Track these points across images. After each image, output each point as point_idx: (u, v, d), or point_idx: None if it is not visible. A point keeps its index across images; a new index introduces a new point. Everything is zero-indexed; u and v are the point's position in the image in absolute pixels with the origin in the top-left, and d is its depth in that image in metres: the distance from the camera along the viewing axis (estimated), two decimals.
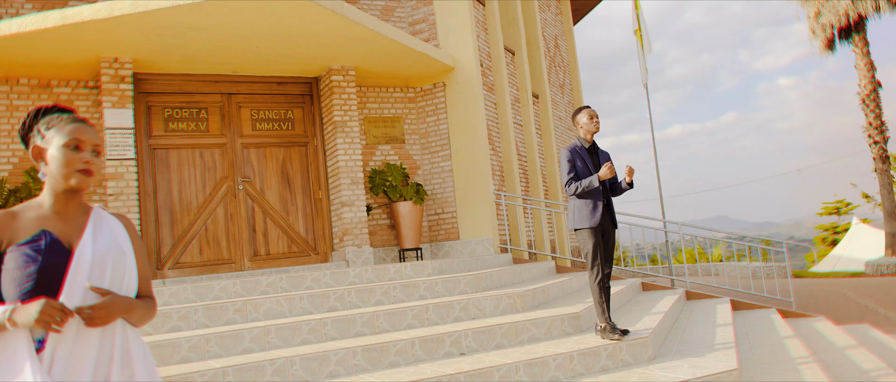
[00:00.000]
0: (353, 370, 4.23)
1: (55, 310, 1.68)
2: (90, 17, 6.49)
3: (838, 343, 6.31)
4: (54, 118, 1.96)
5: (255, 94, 8.82)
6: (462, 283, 6.15)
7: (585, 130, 4.95)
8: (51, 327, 1.67)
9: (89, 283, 1.81)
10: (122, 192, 7.49)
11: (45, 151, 1.91)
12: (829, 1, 19.35)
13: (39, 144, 1.93)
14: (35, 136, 1.95)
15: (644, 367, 4.38)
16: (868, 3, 18.62)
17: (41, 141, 1.93)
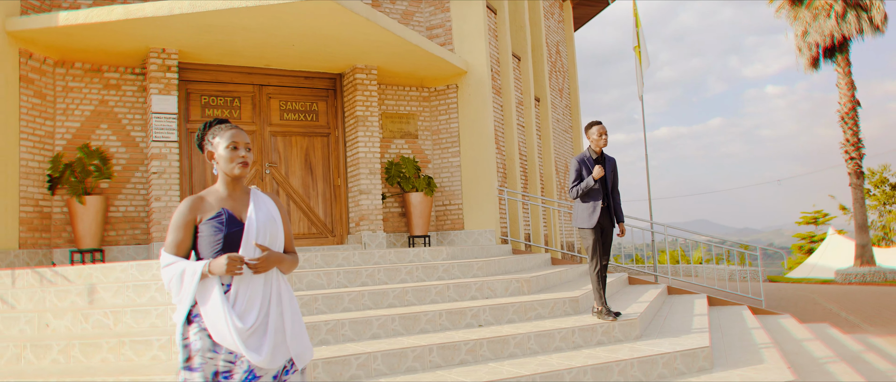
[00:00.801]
0: (392, 333, 5.07)
1: (238, 262, 2.49)
2: (152, 13, 7.22)
3: (798, 336, 7.24)
4: (217, 128, 2.77)
5: (284, 87, 9.57)
6: (474, 267, 6.99)
7: (595, 143, 5.78)
8: (234, 272, 2.48)
9: (260, 240, 2.62)
10: (165, 171, 8.23)
11: (216, 152, 2.71)
12: (816, 21, 20.33)
13: (211, 149, 2.73)
14: (207, 144, 2.75)
15: (633, 343, 5.25)
16: (852, 26, 19.62)
17: (211, 146, 2.73)
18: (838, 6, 19.81)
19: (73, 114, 8.34)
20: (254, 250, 2.62)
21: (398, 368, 4.45)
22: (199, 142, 2.81)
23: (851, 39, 20.07)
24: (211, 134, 2.73)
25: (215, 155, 2.71)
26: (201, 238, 2.61)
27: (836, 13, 19.82)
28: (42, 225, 7.96)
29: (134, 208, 8.53)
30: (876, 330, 9.28)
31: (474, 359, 4.72)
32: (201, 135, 2.81)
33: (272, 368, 2.54)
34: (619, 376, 4.52)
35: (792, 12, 21.25)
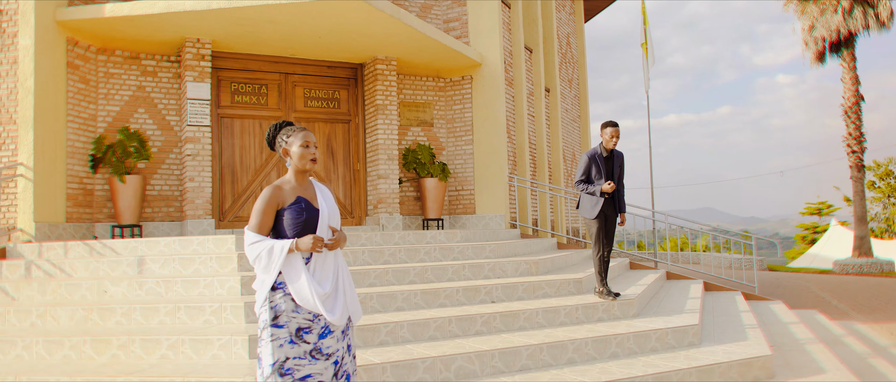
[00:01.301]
0: (415, 306, 5.67)
1: (320, 240, 3.08)
2: (191, 7, 7.78)
3: (784, 320, 7.81)
4: (288, 129, 3.33)
5: (308, 75, 10.12)
6: (487, 250, 7.58)
7: (607, 142, 6.29)
8: (317, 249, 3.07)
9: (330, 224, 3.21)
10: (198, 153, 8.82)
11: (290, 150, 3.28)
12: (823, 16, 20.67)
13: (285, 147, 3.30)
14: (281, 142, 3.32)
15: (630, 320, 5.84)
16: (858, 21, 19.96)
17: (285, 144, 3.30)
18: (845, 2, 20.12)
19: (113, 98, 8.92)
20: (327, 231, 3.21)
21: (422, 336, 5.05)
22: (271, 140, 3.38)
23: (857, 35, 20.42)
24: (284, 134, 3.29)
25: (289, 152, 3.27)
26: (284, 221, 3.17)
27: (843, 9, 20.14)
28: (85, 200, 8.58)
29: (168, 187, 9.13)
30: (862, 318, 9.84)
31: (488, 330, 5.32)
32: (273, 134, 3.38)
33: (341, 324, 3.14)
34: (617, 348, 5.11)
35: (800, 7, 21.57)
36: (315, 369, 3.07)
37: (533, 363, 4.75)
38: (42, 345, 4.84)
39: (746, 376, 4.86)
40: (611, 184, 6.08)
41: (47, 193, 7.91)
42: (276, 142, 3.36)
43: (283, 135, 3.32)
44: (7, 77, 8.01)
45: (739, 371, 4.84)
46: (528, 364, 4.73)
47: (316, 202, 3.26)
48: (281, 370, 3.02)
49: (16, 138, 7.94)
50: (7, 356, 4.85)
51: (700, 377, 4.66)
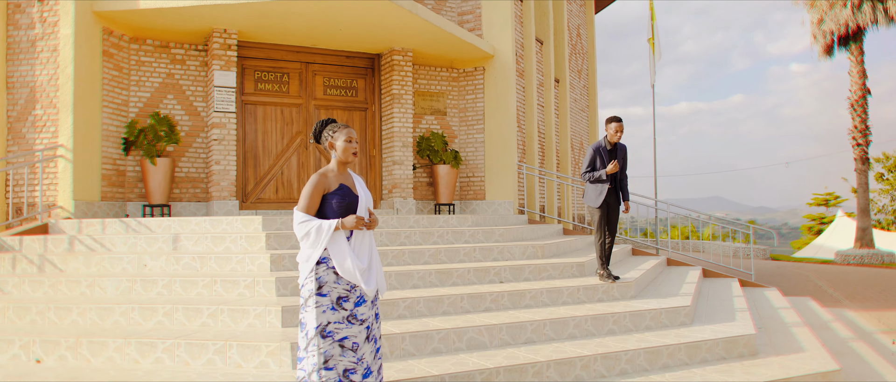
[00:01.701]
0: (429, 284, 6.17)
1: (361, 220, 3.57)
2: (220, 1, 8.23)
3: (776, 305, 8.27)
4: (333, 126, 3.81)
5: (328, 65, 10.58)
6: (496, 234, 8.07)
7: (611, 136, 6.73)
8: (358, 228, 3.56)
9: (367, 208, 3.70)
10: (224, 138, 9.32)
11: (335, 144, 3.76)
12: (832, 10, 20.87)
13: (331, 141, 3.78)
14: (327, 136, 3.80)
15: (627, 301, 6.32)
16: (867, 16, 20.17)
17: (331, 138, 3.78)
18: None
19: (144, 85, 9.42)
20: (366, 214, 3.71)
21: (436, 311, 5.55)
22: (318, 134, 3.87)
23: (866, 29, 20.63)
24: (330, 129, 3.78)
25: (335, 145, 3.77)
26: (329, 204, 3.66)
27: (852, 3, 20.34)
28: (118, 181, 9.11)
29: (195, 170, 9.65)
30: (854, 306, 10.27)
31: (497, 307, 5.82)
32: (319, 129, 3.87)
33: (372, 295, 3.65)
34: (614, 325, 5.60)
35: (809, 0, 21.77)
36: (351, 332, 3.58)
37: (537, 336, 5.24)
38: (94, 312, 5.37)
39: (731, 352, 5.33)
40: (614, 164, 6.53)
41: (85, 173, 8.44)
42: (323, 135, 3.85)
43: (329, 131, 3.82)
44: (48, 64, 8.52)
45: (725, 348, 5.31)
46: (533, 338, 5.22)
47: (355, 189, 3.76)
48: (323, 332, 3.53)
49: (56, 121, 8.46)
50: (64, 321, 5.39)
51: (688, 352, 5.14)
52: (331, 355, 3.53)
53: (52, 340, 4.83)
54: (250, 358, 4.48)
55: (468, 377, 4.30)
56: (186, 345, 4.61)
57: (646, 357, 4.95)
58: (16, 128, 8.64)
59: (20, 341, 4.87)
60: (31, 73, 8.61)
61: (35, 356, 4.83)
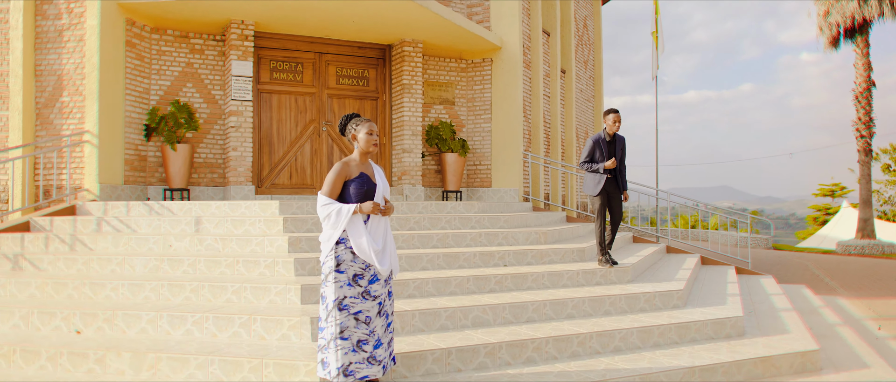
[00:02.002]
0: (437, 267, 6.56)
1: (377, 206, 3.95)
2: None
3: (769, 291, 8.63)
4: (357, 120, 4.19)
5: (340, 55, 10.93)
6: (501, 220, 8.44)
7: (610, 127, 7.08)
8: (375, 213, 3.95)
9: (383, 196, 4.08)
10: (241, 126, 9.71)
11: (357, 136, 4.13)
12: (838, 2, 21.02)
13: (354, 133, 4.15)
14: (351, 128, 4.18)
15: (624, 285, 6.69)
16: (874, 9, 20.32)
17: (354, 131, 4.16)
18: None
19: (164, 73, 9.80)
20: (382, 201, 4.09)
21: (444, 291, 5.94)
22: (343, 127, 4.25)
23: (872, 22, 20.78)
24: (354, 123, 4.17)
25: (357, 137, 4.14)
26: (349, 190, 4.05)
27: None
28: (140, 165, 9.52)
29: (213, 155, 10.04)
30: (847, 294, 10.62)
31: (501, 289, 6.20)
32: (345, 123, 4.25)
33: (385, 274, 4.04)
34: (610, 307, 5.97)
35: None
36: (364, 306, 3.97)
37: (537, 316, 5.63)
38: (126, 288, 5.79)
39: (719, 333, 5.71)
40: (613, 161, 6.88)
41: (109, 158, 8.85)
42: (347, 128, 4.24)
43: (353, 124, 4.20)
44: (74, 53, 8.91)
45: (713, 329, 5.68)
46: (534, 317, 5.61)
47: (374, 178, 4.14)
48: (340, 305, 3.92)
49: (82, 108, 8.86)
50: (98, 295, 5.81)
51: (679, 332, 5.52)
52: (346, 326, 3.93)
53: (90, 313, 5.25)
54: (273, 331, 4.88)
55: (473, 351, 4.69)
56: (214, 319, 5.02)
57: (638, 336, 5.33)
58: (44, 113, 9.05)
59: (61, 314, 5.30)
60: (59, 62, 9.00)
61: (75, 327, 5.25)
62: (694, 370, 4.75)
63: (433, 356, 4.55)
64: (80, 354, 4.66)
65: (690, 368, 4.75)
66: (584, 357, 5.03)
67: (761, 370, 5.02)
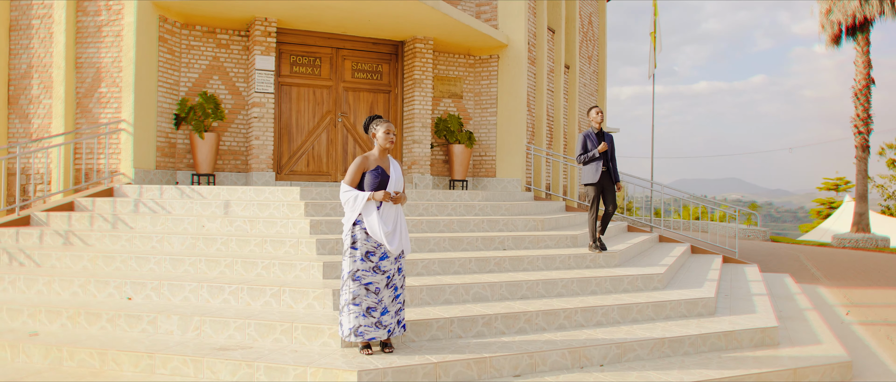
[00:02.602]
0: (443, 249, 7.30)
1: (388, 195, 4.70)
2: None
3: (750, 278, 9.32)
4: (379, 120, 4.93)
5: (356, 50, 11.63)
6: (503, 208, 9.16)
7: (593, 121, 7.79)
8: (386, 200, 4.69)
9: (396, 187, 4.82)
10: (263, 116, 10.45)
11: (376, 134, 4.87)
12: (840, 0, 21.49)
13: (374, 132, 4.89)
14: (372, 127, 4.92)
15: (611, 268, 7.42)
16: (874, 8, 20.79)
17: (375, 130, 4.89)
18: None
19: (192, 66, 10.54)
20: (394, 191, 4.83)
21: (448, 270, 6.68)
22: (366, 126, 5.00)
23: (873, 20, 21.25)
24: (375, 123, 4.91)
25: (376, 135, 4.88)
26: (367, 179, 4.79)
27: None
28: (170, 152, 10.29)
29: (236, 143, 10.80)
30: (828, 283, 11.29)
31: (499, 269, 6.94)
32: (368, 122, 5.00)
33: (395, 253, 4.79)
34: (596, 287, 6.70)
35: None
36: (375, 279, 4.73)
37: (531, 293, 6.36)
38: (168, 262, 6.56)
39: (692, 312, 6.43)
40: (603, 144, 7.60)
41: (143, 144, 9.62)
42: (370, 127, 4.99)
43: (375, 124, 4.95)
44: (112, 47, 9.66)
45: (686, 308, 6.41)
46: (527, 294, 6.35)
47: (389, 171, 4.88)
48: (353, 276, 4.69)
49: (119, 98, 9.62)
50: (143, 268, 6.59)
51: (655, 309, 6.24)
52: (358, 294, 4.71)
53: (138, 283, 6.03)
54: (299, 301, 5.64)
55: (472, 321, 5.43)
56: (248, 289, 5.78)
57: (618, 312, 6.06)
58: (83, 103, 9.82)
59: (114, 282, 6.08)
60: (97, 55, 9.75)
61: (126, 294, 6.03)
62: (664, 341, 5.48)
63: (438, 324, 5.30)
64: (136, 316, 5.44)
65: (661, 339, 5.48)
66: (569, 328, 5.77)
67: (724, 342, 5.74)
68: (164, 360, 4.77)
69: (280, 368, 4.53)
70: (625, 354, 5.32)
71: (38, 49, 9.93)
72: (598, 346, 5.23)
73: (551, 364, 5.04)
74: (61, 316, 5.59)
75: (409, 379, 4.52)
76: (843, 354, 5.65)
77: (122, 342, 5.12)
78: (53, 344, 5.03)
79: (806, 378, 5.25)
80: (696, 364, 5.24)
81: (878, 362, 6.04)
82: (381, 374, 4.44)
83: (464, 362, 4.75)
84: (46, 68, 9.89)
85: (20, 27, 10.00)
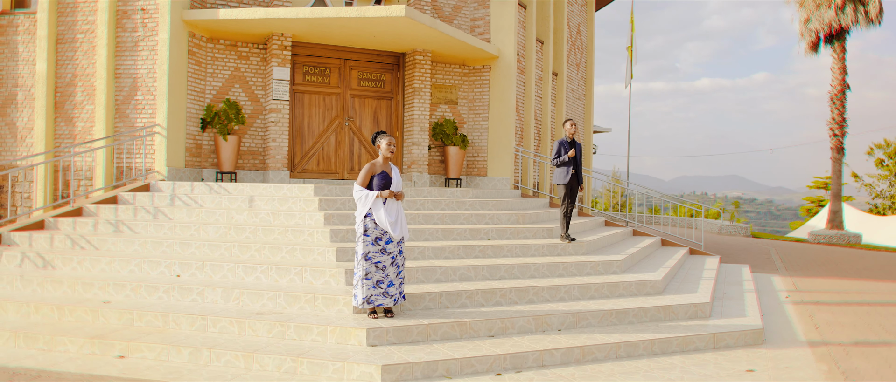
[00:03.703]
0: (436, 238, 8.63)
1: (392, 193, 6.05)
2: (284, 15, 10.61)
3: (707, 267, 10.63)
4: (382, 135, 6.28)
5: (361, 61, 12.94)
6: (490, 204, 10.49)
7: (567, 132, 9.10)
8: (390, 198, 6.03)
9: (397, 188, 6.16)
10: (279, 121, 11.76)
11: (380, 145, 6.20)
12: (818, 10, 22.73)
13: (378, 143, 6.23)
14: (377, 140, 6.27)
15: (578, 256, 8.74)
16: (849, 17, 22.05)
17: (379, 142, 6.24)
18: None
19: (216, 76, 11.85)
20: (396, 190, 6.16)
21: (440, 256, 8.01)
22: (374, 139, 6.32)
23: (849, 29, 22.50)
24: (380, 137, 6.25)
25: (380, 146, 6.21)
26: (374, 182, 6.12)
27: (836, 5, 22.19)
28: (197, 152, 11.61)
29: (255, 145, 12.12)
30: (785, 273, 12.59)
31: (483, 255, 8.26)
32: (375, 137, 6.33)
33: (398, 238, 6.12)
34: (563, 271, 8.02)
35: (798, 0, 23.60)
36: (382, 258, 6.07)
37: (507, 275, 7.68)
38: (206, 247, 7.89)
39: (641, 291, 7.75)
40: (573, 151, 8.93)
41: (174, 145, 10.93)
42: (376, 140, 6.31)
43: (380, 138, 6.31)
44: (147, 60, 10.97)
45: (637, 288, 7.73)
46: (505, 275, 7.67)
47: (391, 174, 6.21)
48: (365, 257, 6.02)
49: (153, 105, 10.93)
50: (186, 252, 7.92)
51: (610, 289, 7.57)
52: (369, 271, 6.04)
53: (184, 263, 7.36)
54: (318, 278, 6.97)
55: (458, 295, 6.75)
56: (276, 269, 7.11)
57: (579, 290, 7.39)
58: (121, 109, 11.13)
59: (164, 263, 7.41)
60: (134, 67, 11.06)
61: (175, 272, 7.36)
62: (612, 312, 6.81)
63: (430, 297, 6.62)
64: (186, 289, 6.77)
65: (610, 311, 6.80)
66: (536, 302, 7.09)
67: (663, 315, 7.07)
68: (214, 321, 6.11)
69: (306, 327, 5.87)
70: (579, 322, 6.65)
71: (82, 60, 11.24)
72: (557, 315, 6.56)
73: (519, 327, 6.38)
74: (126, 288, 6.93)
75: (405, 336, 5.86)
76: (758, 324, 6.98)
77: (179, 308, 6.46)
78: (124, 309, 6.37)
79: (723, 341, 6.58)
80: (635, 330, 6.56)
81: (791, 330, 7.37)
82: (384, 332, 5.78)
83: (449, 324, 6.08)
84: (89, 78, 11.20)
85: (66, 41, 11.31)
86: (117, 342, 5.78)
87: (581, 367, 5.75)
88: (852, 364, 6.09)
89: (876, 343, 6.97)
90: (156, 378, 5.14)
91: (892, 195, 40.71)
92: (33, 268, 7.75)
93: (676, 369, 5.78)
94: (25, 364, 5.47)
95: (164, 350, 5.65)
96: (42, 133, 11.14)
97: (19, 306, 6.64)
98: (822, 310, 8.76)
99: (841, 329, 7.62)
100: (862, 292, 10.57)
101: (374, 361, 5.24)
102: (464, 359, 5.46)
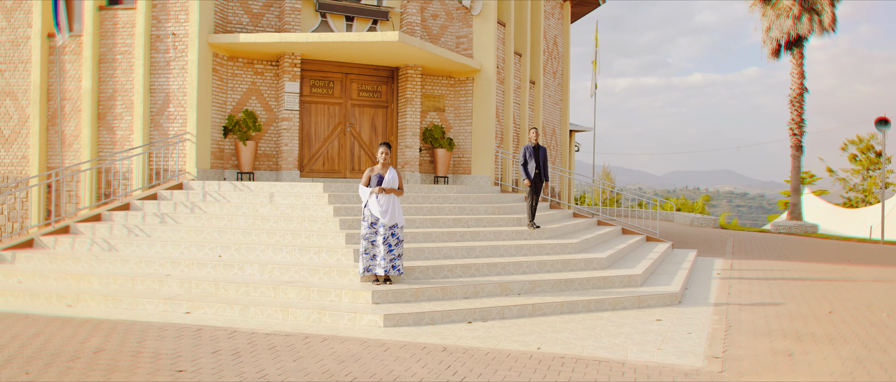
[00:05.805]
0: (425, 226, 10.56)
1: (382, 189, 8.00)
2: (295, 40, 12.51)
3: (656, 250, 12.57)
4: (383, 147, 8.21)
5: (361, 75, 14.84)
6: (472, 198, 12.42)
7: (531, 139, 11.03)
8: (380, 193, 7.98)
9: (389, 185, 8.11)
10: (290, 128, 13.65)
11: (377, 154, 8.15)
12: (777, 20, 24.75)
13: (377, 154, 8.18)
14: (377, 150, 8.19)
15: (541, 240, 10.68)
16: (805, 26, 24.08)
17: (378, 153, 8.17)
18: (795, 9, 24.20)
19: (235, 90, 13.73)
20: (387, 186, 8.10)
21: (428, 240, 9.93)
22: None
23: (806, 38, 24.53)
24: (379, 147, 8.15)
25: (376, 155, 8.14)
26: (372, 181, 8.05)
27: (794, 15, 24.22)
28: (219, 155, 13.49)
29: (269, 149, 14.00)
30: (729, 257, 14.55)
31: (463, 239, 10.20)
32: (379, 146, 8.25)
33: (388, 224, 8.06)
34: (527, 251, 9.95)
35: (762, 9, 25.61)
36: (375, 238, 8.02)
37: (482, 254, 9.62)
38: (240, 233, 9.79)
39: (589, 267, 9.70)
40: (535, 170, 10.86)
41: (201, 150, 12.81)
42: (376, 151, 8.24)
43: (379, 147, 8.18)
44: (178, 77, 12.85)
45: (585, 264, 9.68)
46: (480, 255, 9.60)
47: (384, 175, 8.13)
48: (363, 237, 8.01)
49: (184, 116, 12.81)
50: (223, 237, 9.82)
51: (562, 265, 9.51)
52: (366, 247, 8.02)
53: (223, 246, 9.27)
54: (332, 256, 8.88)
55: (441, 269, 8.68)
56: (298, 249, 9.02)
57: (537, 266, 9.33)
58: (156, 119, 13.00)
59: (208, 245, 9.31)
60: (166, 83, 12.93)
61: (217, 253, 9.26)
62: (561, 281, 8.76)
63: (420, 270, 8.55)
64: (229, 265, 8.68)
65: (559, 280, 8.75)
66: (503, 275, 9.03)
67: (602, 284, 9.02)
68: (255, 287, 8.03)
69: (325, 290, 7.79)
70: (534, 288, 8.60)
71: (121, 77, 13.10)
72: (518, 283, 8.50)
73: (487, 292, 8.32)
74: (180, 264, 8.84)
75: (401, 296, 7.80)
76: (676, 290, 8.95)
77: (225, 279, 8.37)
78: (183, 279, 8.29)
79: (646, 302, 8.54)
80: (578, 294, 8.52)
81: (706, 296, 9.33)
82: (384, 293, 7.72)
83: (433, 288, 8.02)
84: (127, 92, 13.06)
85: (106, 60, 13.16)
86: (183, 301, 7.69)
87: (532, 319, 7.70)
88: (738, 317, 8.05)
89: (767, 304, 8.93)
90: (219, 324, 7.06)
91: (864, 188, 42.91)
92: (101, 251, 9.64)
93: (604, 320, 7.74)
94: (119, 318, 7.38)
95: (220, 308, 7.56)
96: (87, 140, 13.00)
97: (101, 278, 8.54)
98: (741, 283, 10.73)
99: (748, 295, 9.59)
100: (786, 270, 12.56)
101: (378, 312, 7.17)
102: (444, 312, 7.40)
